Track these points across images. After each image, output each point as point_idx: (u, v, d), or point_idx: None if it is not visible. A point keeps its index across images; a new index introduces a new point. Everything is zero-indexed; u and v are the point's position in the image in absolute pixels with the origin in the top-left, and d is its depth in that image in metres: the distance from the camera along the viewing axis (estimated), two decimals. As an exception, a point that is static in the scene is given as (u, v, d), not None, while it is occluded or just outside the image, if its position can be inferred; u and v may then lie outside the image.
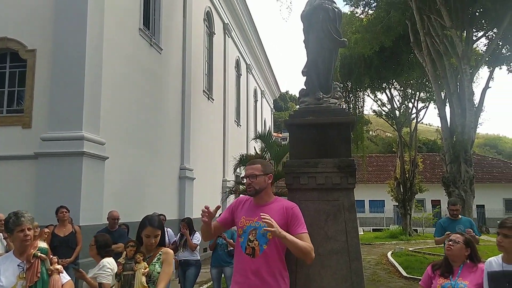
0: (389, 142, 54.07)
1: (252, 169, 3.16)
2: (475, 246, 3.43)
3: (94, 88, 8.82)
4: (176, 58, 14.01)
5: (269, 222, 2.75)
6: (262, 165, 3.21)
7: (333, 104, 4.31)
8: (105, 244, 4.34)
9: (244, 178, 3.24)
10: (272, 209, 3.07)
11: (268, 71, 32.43)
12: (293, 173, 4.05)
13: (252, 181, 3.11)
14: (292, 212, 3.07)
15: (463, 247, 3.34)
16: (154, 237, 3.28)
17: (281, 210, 3.07)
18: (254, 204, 3.18)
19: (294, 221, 3.04)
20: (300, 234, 2.98)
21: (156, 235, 3.29)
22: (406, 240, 24.29)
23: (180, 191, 13.80)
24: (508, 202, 35.88)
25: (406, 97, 26.67)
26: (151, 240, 3.27)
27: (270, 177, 3.20)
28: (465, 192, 13.44)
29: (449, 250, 3.37)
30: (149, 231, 3.26)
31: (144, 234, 3.28)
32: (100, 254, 4.26)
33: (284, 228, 2.94)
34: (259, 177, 3.12)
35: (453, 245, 3.35)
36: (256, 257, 2.99)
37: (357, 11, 19.77)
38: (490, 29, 15.67)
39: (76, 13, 8.73)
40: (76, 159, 8.27)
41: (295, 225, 3.02)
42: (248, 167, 3.21)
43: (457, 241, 3.37)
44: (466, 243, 3.35)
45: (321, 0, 4.27)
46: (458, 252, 3.34)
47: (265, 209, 3.05)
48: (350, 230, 3.89)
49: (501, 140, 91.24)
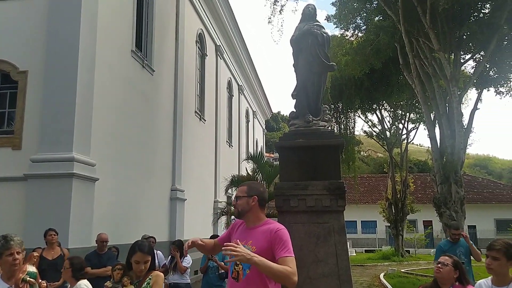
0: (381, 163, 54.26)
1: (238, 190, 3.16)
2: (463, 268, 3.44)
3: (85, 109, 8.82)
4: (168, 79, 14.08)
5: (232, 250, 2.64)
6: (248, 186, 3.16)
7: (323, 127, 4.35)
8: (80, 267, 4.27)
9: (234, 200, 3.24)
10: (259, 232, 3.01)
11: (259, 92, 32.66)
12: (283, 196, 4.06)
13: (237, 203, 3.10)
14: (275, 235, 2.93)
15: (451, 269, 3.34)
16: (144, 263, 3.23)
17: (266, 233, 2.97)
18: (246, 227, 3.14)
19: (277, 244, 2.89)
20: (282, 258, 2.81)
21: (146, 261, 3.24)
22: (399, 261, 24.18)
23: (171, 212, 13.69)
24: (500, 222, 35.98)
25: (396, 118, 26.94)
26: (140, 266, 3.22)
27: (254, 199, 3.07)
28: (456, 212, 13.48)
29: (438, 273, 3.38)
30: (138, 257, 3.22)
31: (134, 260, 3.23)
32: (75, 277, 4.18)
33: (270, 252, 2.86)
34: (242, 198, 3.07)
35: (442, 268, 3.35)
36: (240, 281, 2.93)
37: (347, 34, 20.10)
38: (477, 52, 15.96)
39: (68, 34, 8.78)
40: (66, 181, 8.19)
41: (277, 248, 2.88)
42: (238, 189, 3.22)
43: (445, 264, 3.37)
44: (454, 266, 3.36)
45: (310, 25, 4.36)
46: (447, 275, 3.34)
47: (252, 232, 3.01)
48: (340, 253, 3.89)
49: (491, 161, 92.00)
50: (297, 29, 4.48)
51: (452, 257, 3.46)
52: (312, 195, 3.99)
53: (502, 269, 2.99)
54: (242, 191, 3.11)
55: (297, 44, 4.40)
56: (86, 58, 8.96)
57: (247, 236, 2.98)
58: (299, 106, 4.45)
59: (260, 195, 3.10)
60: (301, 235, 3.91)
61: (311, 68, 4.31)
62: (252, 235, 2.94)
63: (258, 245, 2.90)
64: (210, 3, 18.52)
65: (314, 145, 4.15)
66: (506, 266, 2.98)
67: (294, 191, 4.04)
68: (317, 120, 4.36)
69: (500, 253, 2.98)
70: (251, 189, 3.12)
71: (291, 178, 4.15)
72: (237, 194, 3.12)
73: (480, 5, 14.74)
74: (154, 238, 8.49)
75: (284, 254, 2.83)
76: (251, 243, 2.93)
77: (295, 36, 4.44)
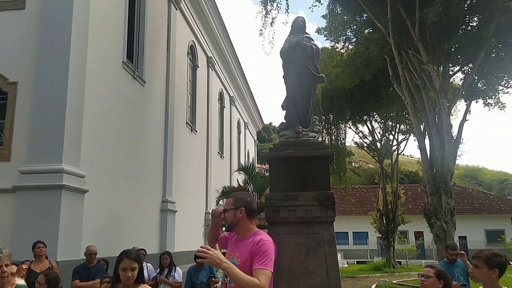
0: (372, 174, 54.49)
1: (225, 203, 3.11)
2: (447, 277, 3.43)
3: (75, 120, 8.78)
4: (160, 90, 14.09)
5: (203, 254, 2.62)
6: (234, 198, 3.10)
7: (312, 138, 4.38)
8: (55, 283, 4.21)
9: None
10: (245, 244, 2.97)
11: (251, 103, 32.76)
12: (273, 206, 4.06)
13: (225, 216, 3.06)
14: (257, 246, 2.87)
15: (435, 280, 3.34)
16: (131, 270, 3.17)
17: (249, 246, 2.91)
18: (236, 238, 3.12)
19: (256, 256, 2.82)
20: (255, 270, 2.74)
21: (133, 268, 3.19)
22: (390, 273, 24.14)
23: (161, 224, 13.60)
24: (489, 233, 36.19)
25: (386, 129, 27.10)
26: (127, 273, 3.16)
27: (241, 210, 3.01)
28: (447, 223, 13.52)
29: (423, 286, 3.37)
30: (125, 263, 3.17)
31: (121, 267, 3.18)
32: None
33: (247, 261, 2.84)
34: (229, 211, 3.02)
35: (426, 280, 3.36)
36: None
37: (337, 46, 20.29)
38: (465, 64, 16.16)
39: (59, 45, 8.77)
40: (55, 193, 8.13)
41: (255, 259, 2.81)
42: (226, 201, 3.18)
43: (428, 276, 3.36)
44: (438, 276, 3.35)
45: (299, 37, 4.41)
46: (431, 286, 3.35)
47: (240, 244, 2.99)
48: (331, 264, 3.89)
49: (480, 171, 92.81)
50: (286, 41, 4.53)
51: (434, 268, 3.44)
52: (302, 206, 4.00)
53: (484, 277, 3.01)
54: (229, 204, 3.05)
55: (286, 55, 4.44)
56: (77, 69, 8.94)
57: (236, 248, 2.96)
58: (289, 117, 4.48)
59: (247, 206, 3.02)
60: (291, 246, 3.91)
61: (301, 79, 4.35)
62: (239, 247, 2.92)
63: (242, 257, 2.86)
64: (201, 15, 18.63)
65: (304, 156, 4.17)
66: (488, 274, 3.00)
67: (284, 202, 4.04)
68: (307, 131, 4.39)
69: (480, 260, 3.02)
70: (238, 201, 3.05)
71: (281, 189, 4.15)
72: (224, 207, 3.07)
73: (468, 18, 14.97)
74: (145, 251, 8.40)
75: (258, 266, 2.76)
76: (237, 255, 2.91)
77: (285, 48, 4.49)
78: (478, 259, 3.04)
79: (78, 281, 6.54)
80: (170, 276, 7.33)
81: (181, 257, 14.22)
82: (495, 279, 3.01)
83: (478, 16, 14.61)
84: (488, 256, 3.03)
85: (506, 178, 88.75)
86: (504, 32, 13.88)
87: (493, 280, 3.01)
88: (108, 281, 3.18)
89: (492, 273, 2.99)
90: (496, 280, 3.02)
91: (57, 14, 9.00)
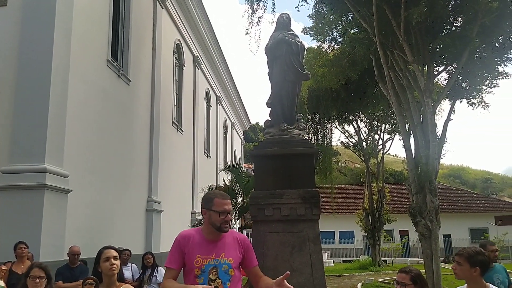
0: (358, 173, 54.88)
1: (230, 204, 2.97)
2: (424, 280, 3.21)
3: (58, 119, 8.65)
4: (145, 89, 13.96)
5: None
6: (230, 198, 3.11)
7: (297, 135, 4.36)
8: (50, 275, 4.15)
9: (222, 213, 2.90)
10: (227, 243, 2.95)
11: (238, 102, 32.71)
12: (258, 205, 4.03)
13: (230, 218, 2.96)
14: (247, 244, 3.02)
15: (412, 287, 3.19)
16: (114, 259, 3.14)
17: (235, 243, 2.98)
18: (206, 240, 2.94)
19: (249, 254, 3.00)
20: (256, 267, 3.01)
21: (114, 257, 3.16)
22: (376, 271, 24.32)
23: (147, 224, 13.47)
24: (473, 231, 36.69)
25: (372, 129, 27.29)
26: (111, 262, 3.11)
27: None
28: (431, 222, 13.64)
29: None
30: (106, 253, 3.15)
31: (103, 258, 3.14)
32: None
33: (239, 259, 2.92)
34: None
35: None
36: None
37: (323, 46, 20.35)
38: (450, 64, 16.31)
39: (41, 43, 8.62)
40: (38, 193, 7.98)
41: (249, 257, 2.99)
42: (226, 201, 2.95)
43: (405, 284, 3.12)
44: (414, 281, 3.15)
45: (284, 34, 4.38)
46: None
47: (218, 244, 2.93)
48: (315, 262, 3.87)
49: (464, 171, 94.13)
50: (271, 38, 4.51)
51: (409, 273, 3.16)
52: (287, 204, 3.98)
53: (465, 274, 3.03)
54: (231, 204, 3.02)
55: (271, 52, 4.42)
56: (60, 67, 8.80)
57: (214, 249, 2.89)
58: (274, 115, 4.46)
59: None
60: (276, 245, 3.89)
61: (286, 76, 4.33)
62: (221, 247, 2.87)
63: (234, 256, 2.88)
64: (187, 14, 18.53)
65: (289, 154, 4.15)
66: (469, 272, 3.02)
67: (269, 200, 4.01)
68: (292, 128, 4.37)
69: (462, 258, 3.05)
70: None
71: (266, 187, 4.13)
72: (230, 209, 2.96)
73: (453, 18, 15.12)
74: (129, 251, 8.33)
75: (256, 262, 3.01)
76: (224, 255, 2.86)
77: (270, 44, 4.46)
78: (461, 257, 3.06)
79: (61, 282, 6.45)
80: (153, 276, 7.27)
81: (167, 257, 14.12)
82: (476, 276, 3.03)
83: (462, 16, 14.76)
84: (470, 254, 3.05)
85: (490, 178, 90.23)
86: (488, 33, 14.05)
87: (475, 278, 3.03)
88: (90, 282, 3.11)
89: (474, 271, 3.01)
90: (479, 278, 3.04)
91: (40, 11, 8.83)
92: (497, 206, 38.23)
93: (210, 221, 2.91)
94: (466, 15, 14.15)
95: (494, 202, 40.01)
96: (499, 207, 38.02)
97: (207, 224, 2.95)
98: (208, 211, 2.93)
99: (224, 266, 2.81)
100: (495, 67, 16.01)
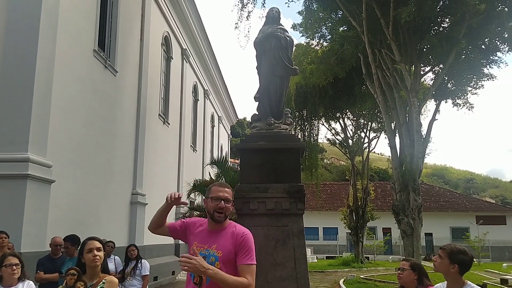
0: (343, 170, 55.24)
1: (227, 193, 2.89)
2: (422, 269, 3.56)
3: (42, 108, 8.51)
4: (132, 81, 13.83)
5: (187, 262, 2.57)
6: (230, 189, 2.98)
7: (284, 130, 4.37)
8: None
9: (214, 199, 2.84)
10: (224, 236, 2.88)
11: (225, 97, 32.62)
12: (243, 198, 4.04)
13: (226, 206, 2.85)
14: (241, 239, 2.84)
15: (410, 272, 3.46)
16: (97, 250, 3.15)
17: (231, 237, 2.86)
18: (208, 229, 2.93)
19: (241, 250, 2.81)
20: (244, 265, 2.77)
21: (98, 248, 3.16)
22: (358, 268, 24.57)
23: (131, 217, 13.39)
24: (455, 230, 37.25)
25: (358, 127, 27.50)
26: (94, 253, 3.12)
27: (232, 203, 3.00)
28: (414, 220, 13.83)
29: (400, 278, 3.53)
30: (90, 244, 3.16)
31: (86, 249, 3.14)
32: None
33: (230, 254, 2.79)
34: (231, 202, 2.90)
35: (402, 273, 3.49)
36: (203, 287, 2.79)
37: (312, 43, 20.40)
38: (436, 65, 16.52)
39: (27, 30, 8.46)
40: (20, 182, 7.86)
41: (241, 254, 2.80)
42: (222, 189, 2.89)
43: (404, 268, 3.51)
44: (413, 268, 3.47)
45: (273, 28, 4.38)
46: (407, 279, 3.48)
47: (216, 235, 2.87)
48: (299, 257, 3.89)
49: (447, 171, 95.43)
50: (260, 32, 4.50)
51: (409, 261, 3.59)
52: (272, 198, 3.99)
53: (443, 268, 3.10)
54: (231, 195, 2.93)
55: (260, 46, 4.41)
56: (45, 56, 8.66)
57: (210, 240, 2.85)
58: (261, 109, 4.46)
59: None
60: (260, 238, 3.89)
61: (274, 71, 4.33)
62: (216, 239, 2.83)
63: (224, 249, 2.80)
64: (176, 6, 18.38)
65: (275, 148, 4.16)
66: (447, 268, 3.08)
67: (254, 194, 4.02)
68: (279, 123, 4.38)
69: (444, 252, 3.11)
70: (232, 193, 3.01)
71: (251, 180, 4.13)
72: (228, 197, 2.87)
73: (440, 19, 15.30)
74: (113, 243, 8.26)
75: (246, 261, 2.78)
76: (215, 247, 2.82)
77: (259, 38, 4.45)
78: (443, 251, 3.13)
79: (42, 273, 6.36)
80: (137, 269, 7.23)
81: (151, 250, 14.06)
82: (454, 273, 3.08)
83: (449, 17, 14.94)
84: (453, 251, 3.11)
85: (472, 178, 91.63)
86: (474, 34, 14.23)
87: (453, 274, 3.08)
88: (73, 273, 3.07)
89: (452, 268, 3.06)
90: (457, 275, 3.09)
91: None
92: (479, 206, 38.85)
93: (207, 209, 2.90)
94: (454, 16, 14.32)
95: (475, 202, 40.66)
96: (480, 207, 38.64)
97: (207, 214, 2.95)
98: (207, 199, 2.92)
99: (211, 258, 2.75)
100: (480, 69, 16.25)
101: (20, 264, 3.63)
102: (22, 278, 3.66)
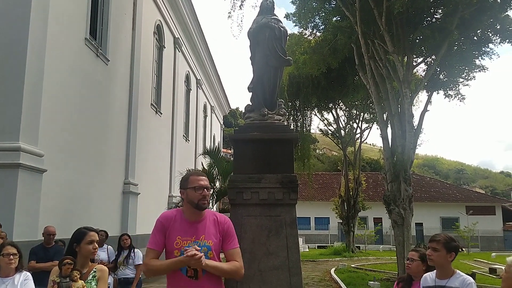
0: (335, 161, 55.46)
1: (206, 180, 2.95)
2: None
3: (33, 97, 8.45)
4: (124, 70, 13.74)
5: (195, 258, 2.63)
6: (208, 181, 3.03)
7: (277, 121, 4.38)
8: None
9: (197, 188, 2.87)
10: (207, 225, 2.91)
11: (218, 87, 32.51)
12: (237, 188, 4.06)
13: (209, 194, 2.93)
14: (227, 226, 2.96)
15: (419, 263, 3.52)
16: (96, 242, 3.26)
17: (216, 225, 2.93)
18: (187, 221, 2.91)
19: (227, 236, 2.93)
20: (232, 250, 2.91)
21: (97, 241, 3.26)
22: (349, 257, 24.82)
23: (123, 206, 13.39)
24: (445, 220, 37.68)
25: (351, 118, 27.56)
26: (94, 245, 3.21)
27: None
28: (404, 210, 13.95)
29: (408, 269, 3.59)
30: (92, 235, 3.23)
31: (87, 240, 3.18)
32: None
33: (219, 241, 2.87)
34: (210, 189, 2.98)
35: (411, 263, 3.55)
36: (200, 279, 2.80)
37: (305, 33, 20.30)
38: (429, 56, 16.53)
39: (17, 18, 8.36)
40: (12, 172, 7.83)
41: (227, 239, 2.91)
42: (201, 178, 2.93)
43: (413, 259, 3.58)
44: (422, 259, 3.53)
45: (267, 18, 4.37)
46: (416, 269, 3.55)
47: (199, 226, 2.89)
48: (291, 246, 3.93)
49: (438, 161, 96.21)
50: (254, 22, 4.49)
51: (418, 251, 3.65)
52: (265, 188, 4.02)
53: (442, 260, 3.14)
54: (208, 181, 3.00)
55: (254, 37, 4.40)
56: (36, 44, 8.57)
57: (195, 231, 2.86)
58: (255, 99, 4.47)
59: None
60: (253, 228, 3.93)
61: (268, 61, 4.33)
62: (201, 229, 2.85)
63: (213, 238, 2.84)
64: (169, -6, 18.23)
65: (269, 139, 4.18)
66: (445, 258, 3.13)
67: (247, 184, 4.05)
68: (273, 113, 4.39)
69: (439, 244, 3.15)
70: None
71: (245, 171, 4.15)
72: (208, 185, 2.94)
73: (433, 10, 15.28)
74: (106, 232, 8.27)
75: (234, 245, 2.92)
76: (203, 237, 2.83)
77: (253, 28, 4.44)
78: (438, 243, 3.15)
79: (34, 262, 6.37)
80: (130, 258, 7.25)
81: (143, 239, 14.09)
82: (450, 262, 3.14)
83: (442, 8, 14.93)
84: (447, 240, 3.16)
85: (462, 168, 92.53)
86: (467, 26, 14.25)
87: (449, 263, 3.15)
88: (69, 262, 3.09)
89: (449, 257, 3.12)
90: (450, 264, 3.16)
91: (16, -15, 8.55)
92: (469, 196, 39.29)
93: (188, 199, 2.89)
94: (446, 7, 14.31)
95: (466, 192, 41.11)
96: (470, 197, 39.09)
97: (186, 205, 2.93)
98: (185, 190, 2.92)
99: (203, 248, 2.77)
100: (472, 60, 16.29)
101: (18, 254, 3.64)
102: (19, 268, 3.66)
